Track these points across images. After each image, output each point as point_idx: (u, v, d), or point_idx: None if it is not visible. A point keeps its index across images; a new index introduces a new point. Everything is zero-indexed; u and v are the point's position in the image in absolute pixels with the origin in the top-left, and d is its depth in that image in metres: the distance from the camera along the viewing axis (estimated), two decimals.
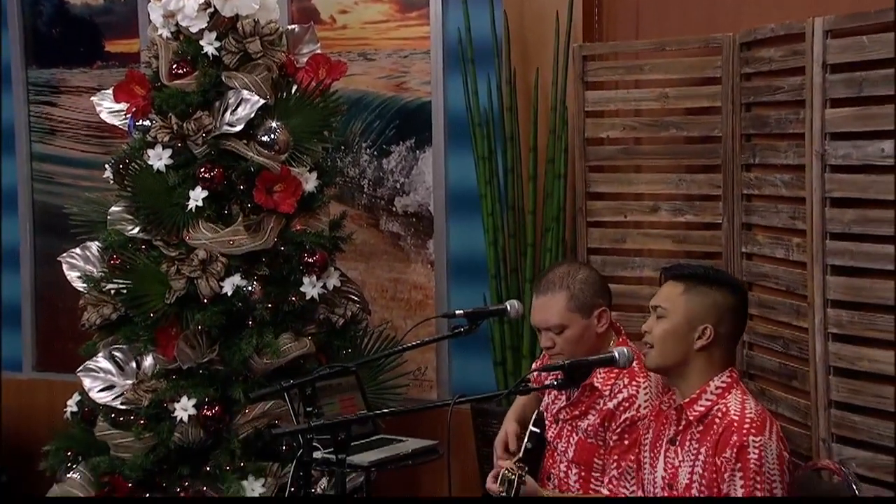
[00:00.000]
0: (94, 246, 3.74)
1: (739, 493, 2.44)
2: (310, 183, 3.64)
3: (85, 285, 3.68)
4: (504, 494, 2.67)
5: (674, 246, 3.58)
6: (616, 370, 2.88)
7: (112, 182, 3.69)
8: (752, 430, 2.47)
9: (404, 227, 4.27)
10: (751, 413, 2.51)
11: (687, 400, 2.58)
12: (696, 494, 2.52)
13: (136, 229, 3.62)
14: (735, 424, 2.49)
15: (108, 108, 3.78)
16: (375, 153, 4.31)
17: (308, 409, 3.10)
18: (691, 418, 2.56)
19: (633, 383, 2.89)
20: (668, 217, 3.58)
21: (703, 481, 2.51)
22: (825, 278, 2.94)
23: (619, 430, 2.88)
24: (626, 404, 2.88)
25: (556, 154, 3.83)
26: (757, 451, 2.44)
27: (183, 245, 3.56)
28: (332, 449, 2.63)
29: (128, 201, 3.64)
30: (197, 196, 3.52)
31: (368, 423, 3.31)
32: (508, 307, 3.17)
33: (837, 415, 2.93)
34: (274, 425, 3.47)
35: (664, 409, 2.67)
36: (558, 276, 2.97)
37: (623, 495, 2.77)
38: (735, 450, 2.45)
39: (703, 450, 2.53)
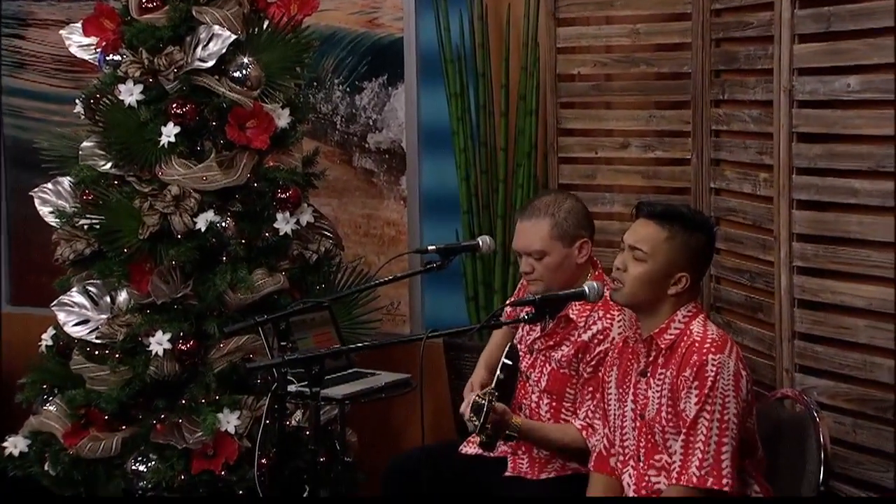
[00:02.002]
0: (65, 181, 3.73)
1: (693, 409, 2.49)
2: (282, 119, 3.63)
3: (58, 220, 3.68)
4: (474, 421, 2.72)
5: (643, 182, 3.62)
6: (591, 303, 2.92)
7: (83, 117, 3.67)
8: (713, 350, 2.53)
9: (377, 164, 4.28)
10: (712, 334, 2.57)
11: (657, 330, 2.63)
12: (664, 417, 2.58)
13: (108, 165, 3.61)
14: (696, 345, 2.55)
15: (78, 43, 3.75)
16: (348, 89, 4.30)
17: (282, 343, 3.14)
18: (662, 346, 2.61)
19: (608, 316, 2.93)
20: (638, 153, 3.62)
21: (669, 402, 2.57)
22: (791, 212, 2.99)
23: (593, 362, 2.92)
24: (601, 337, 2.92)
25: (527, 90, 3.85)
26: (714, 368, 2.50)
27: (156, 181, 3.56)
28: (306, 382, 2.68)
29: (99, 136, 3.62)
30: (169, 132, 3.52)
31: (342, 356, 3.38)
32: (480, 243, 3.20)
33: (801, 345, 2.99)
34: (248, 359, 3.51)
35: (630, 345, 2.71)
36: (544, 204, 3.00)
37: (598, 427, 2.83)
38: (694, 368, 2.51)
39: (668, 373, 2.58)
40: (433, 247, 3.14)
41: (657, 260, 2.60)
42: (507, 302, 3.20)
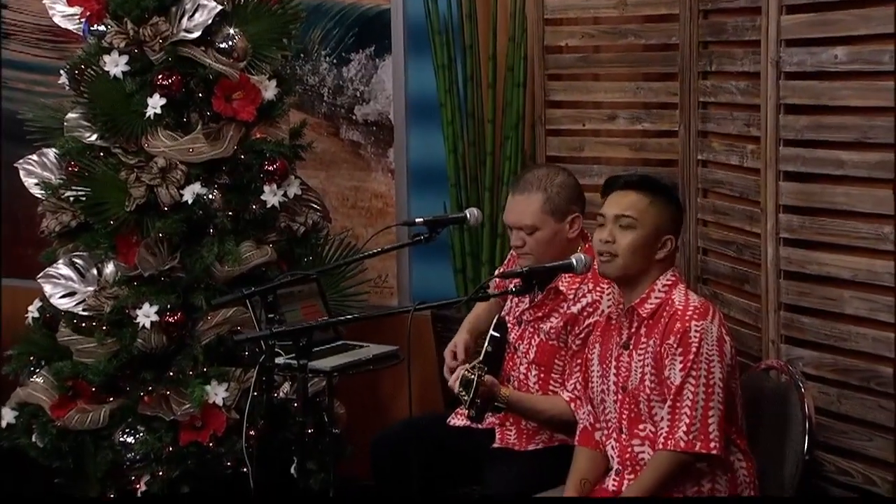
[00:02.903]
0: (51, 153, 3.71)
1: (678, 375, 2.51)
2: (269, 91, 3.62)
3: (43, 192, 3.67)
4: (463, 395, 2.73)
5: (631, 154, 3.62)
6: (581, 275, 2.93)
7: (68, 88, 3.65)
8: (695, 316, 2.55)
9: (364, 136, 4.27)
10: (694, 302, 2.59)
11: (637, 300, 2.64)
12: (648, 386, 2.59)
13: (94, 136, 3.60)
14: (679, 313, 2.56)
15: (62, 12, 3.72)
16: (335, 61, 4.28)
17: (270, 315, 3.15)
18: (644, 315, 2.63)
19: (598, 289, 2.94)
20: (626, 125, 3.61)
21: (653, 371, 2.58)
22: (778, 184, 2.99)
23: (581, 334, 2.93)
24: (590, 309, 2.93)
25: (515, 62, 3.83)
26: (697, 334, 2.52)
27: (142, 153, 3.54)
28: (294, 354, 2.68)
29: (84, 108, 3.60)
30: (155, 103, 3.50)
31: (330, 329, 3.38)
32: (468, 215, 3.20)
33: (787, 317, 3.01)
34: (236, 331, 3.50)
35: (612, 320, 2.72)
36: (536, 178, 2.99)
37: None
38: (678, 336, 2.53)
39: (651, 342, 2.59)
40: (421, 219, 3.14)
41: (646, 225, 2.61)
42: (496, 273, 3.20)
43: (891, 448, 2.73)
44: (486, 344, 2.92)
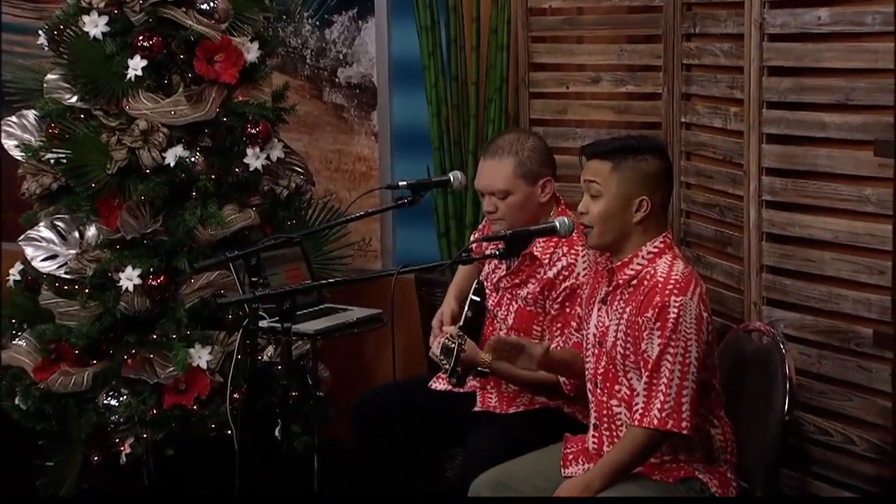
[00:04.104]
0: (30, 114, 3.68)
1: (655, 350, 2.51)
2: (251, 53, 3.60)
3: (23, 154, 3.64)
4: (444, 362, 2.74)
5: (615, 116, 3.61)
6: (555, 239, 2.93)
7: (47, 49, 3.61)
8: (675, 291, 2.53)
9: (348, 99, 4.25)
10: (676, 275, 2.56)
11: (619, 263, 2.64)
12: (620, 352, 2.61)
13: (74, 98, 3.56)
14: (659, 286, 2.55)
15: None
16: (317, 23, 4.25)
17: (253, 279, 3.14)
18: (620, 281, 2.63)
19: (572, 252, 2.95)
20: (610, 88, 3.60)
21: (627, 339, 2.59)
22: (761, 146, 3.00)
23: (559, 298, 2.95)
24: (566, 273, 2.94)
25: (499, 24, 3.81)
26: (676, 310, 2.51)
27: (123, 115, 3.52)
28: (277, 318, 2.68)
29: (64, 69, 3.57)
30: (136, 65, 3.47)
31: (313, 292, 3.38)
32: (452, 178, 3.20)
33: (769, 279, 3.02)
34: (220, 295, 3.50)
35: (599, 269, 2.73)
36: (507, 142, 2.99)
37: None
38: (657, 310, 2.52)
39: (628, 309, 2.59)
40: (404, 182, 3.13)
41: (611, 191, 2.60)
42: (473, 239, 3.20)
43: (869, 407, 2.76)
44: (465, 309, 2.93)
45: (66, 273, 3.54)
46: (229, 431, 3.31)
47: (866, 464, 2.79)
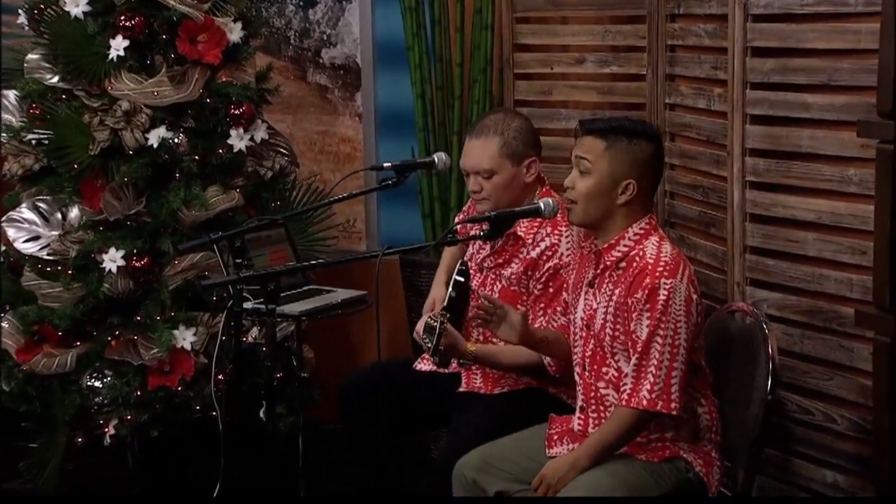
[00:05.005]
0: (11, 94, 3.65)
1: (645, 332, 2.52)
2: (234, 33, 3.58)
3: (4, 135, 3.61)
4: (427, 342, 2.74)
5: (599, 97, 3.61)
6: (539, 219, 2.94)
7: (27, 28, 3.59)
8: (665, 273, 2.53)
9: (332, 80, 4.24)
10: (665, 257, 2.56)
11: (605, 245, 2.63)
12: (609, 334, 2.61)
13: (56, 78, 3.54)
14: (649, 267, 2.55)
15: None
16: (301, 3, 4.23)
17: (238, 260, 3.13)
18: (608, 263, 2.63)
19: (556, 232, 2.95)
20: (594, 69, 3.60)
21: (616, 321, 2.60)
22: (744, 127, 3.00)
23: (542, 278, 2.95)
24: (549, 253, 2.95)
25: (483, 5, 3.81)
26: (666, 292, 2.51)
27: (105, 96, 3.50)
28: (262, 299, 2.68)
29: (45, 49, 3.55)
30: (118, 45, 3.45)
31: (298, 274, 3.38)
32: (436, 159, 3.20)
33: (752, 259, 3.04)
34: (204, 276, 3.49)
35: (585, 254, 2.74)
36: (493, 122, 2.99)
37: None
38: (646, 291, 2.52)
39: (617, 291, 2.59)
40: (389, 164, 3.13)
41: (601, 170, 2.59)
42: (458, 220, 3.20)
43: (850, 386, 2.78)
44: (449, 289, 2.93)
45: (48, 254, 3.52)
46: (214, 413, 3.31)
47: (847, 442, 2.81)
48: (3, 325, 3.57)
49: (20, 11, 3.61)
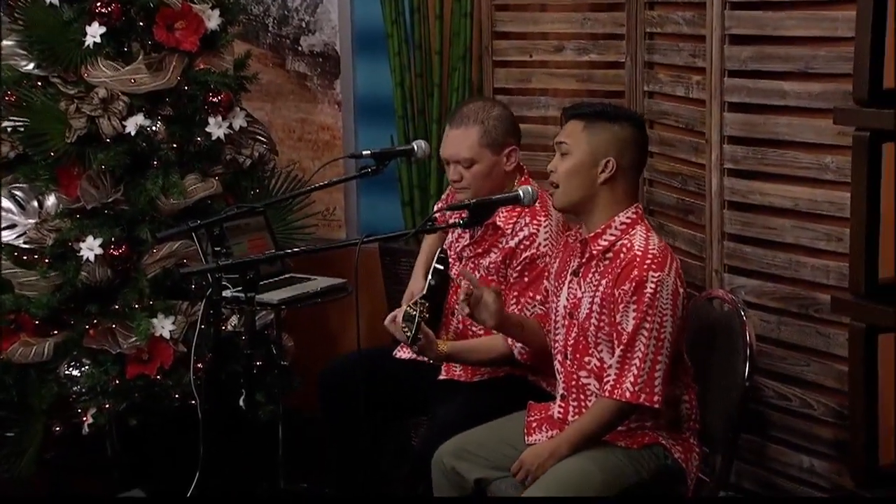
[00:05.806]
0: None
1: (631, 324, 2.53)
2: (212, 20, 3.56)
3: None
4: (406, 330, 2.74)
5: (578, 85, 3.62)
6: (518, 209, 2.94)
7: (1, 14, 3.55)
8: (653, 266, 2.53)
9: (311, 67, 4.22)
10: (654, 249, 2.57)
11: (592, 234, 2.63)
12: (594, 324, 2.62)
13: (31, 65, 3.51)
14: (637, 259, 2.55)
15: None
16: None
17: (216, 248, 3.13)
18: (595, 252, 2.63)
19: (534, 222, 2.96)
20: (573, 56, 3.61)
21: (602, 311, 2.60)
22: (722, 115, 3.01)
23: (519, 267, 2.95)
24: (527, 242, 2.95)
25: None
26: (653, 285, 2.52)
27: (82, 83, 3.47)
28: (241, 288, 2.67)
29: (20, 35, 3.51)
30: (94, 32, 3.42)
31: (277, 262, 3.37)
32: (415, 147, 3.19)
33: (730, 246, 3.05)
34: (182, 265, 3.48)
35: (570, 242, 2.74)
36: (473, 111, 2.99)
37: None
38: (634, 283, 2.52)
39: (604, 282, 2.60)
40: (368, 151, 3.12)
41: (580, 149, 2.60)
42: (437, 209, 3.20)
43: (827, 372, 2.80)
44: (429, 277, 2.93)
45: (25, 243, 3.50)
46: (193, 401, 3.30)
47: (824, 427, 2.83)
48: None
49: None
